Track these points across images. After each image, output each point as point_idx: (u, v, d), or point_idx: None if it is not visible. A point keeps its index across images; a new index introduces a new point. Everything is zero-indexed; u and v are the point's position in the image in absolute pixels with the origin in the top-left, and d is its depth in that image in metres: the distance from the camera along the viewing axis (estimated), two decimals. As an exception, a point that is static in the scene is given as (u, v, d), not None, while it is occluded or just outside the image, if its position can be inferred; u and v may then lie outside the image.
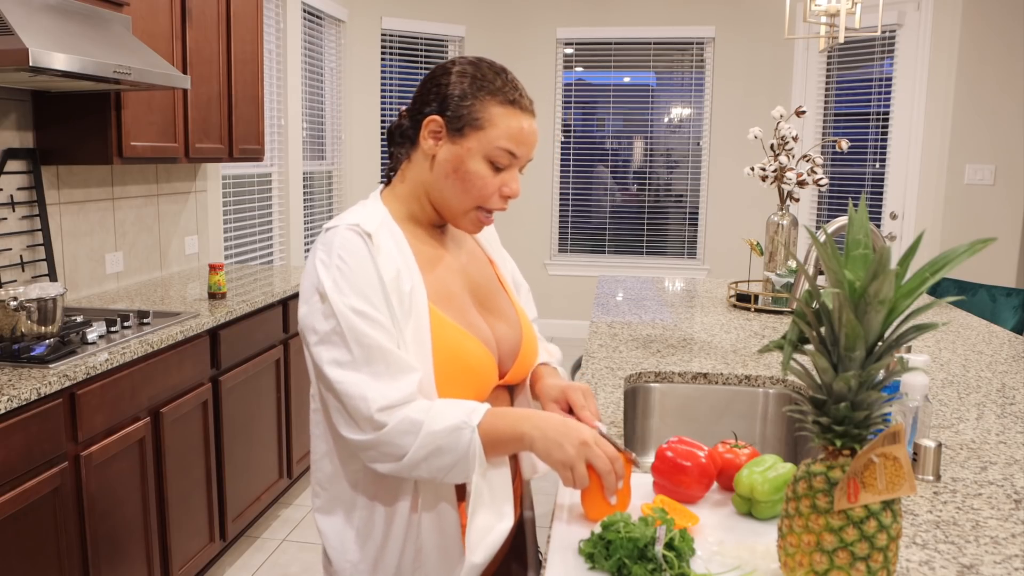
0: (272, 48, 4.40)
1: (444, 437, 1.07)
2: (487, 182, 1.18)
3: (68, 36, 2.14)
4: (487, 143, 1.17)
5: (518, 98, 1.19)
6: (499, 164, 1.18)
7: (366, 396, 1.07)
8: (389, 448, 1.08)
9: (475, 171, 1.17)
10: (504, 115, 1.17)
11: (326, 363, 1.09)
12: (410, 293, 1.14)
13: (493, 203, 1.21)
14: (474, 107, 1.17)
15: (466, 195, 1.19)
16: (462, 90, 1.18)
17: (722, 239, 6.10)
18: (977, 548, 1.08)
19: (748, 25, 5.86)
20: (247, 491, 2.95)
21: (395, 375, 1.09)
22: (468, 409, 1.10)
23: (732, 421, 1.90)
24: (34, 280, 2.62)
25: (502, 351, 1.27)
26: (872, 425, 0.90)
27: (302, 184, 4.80)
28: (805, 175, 2.75)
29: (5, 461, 1.78)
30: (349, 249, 1.12)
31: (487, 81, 1.18)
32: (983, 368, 2.02)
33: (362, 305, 1.09)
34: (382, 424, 1.07)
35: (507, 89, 1.18)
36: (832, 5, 3.19)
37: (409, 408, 1.08)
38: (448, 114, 1.18)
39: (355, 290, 1.10)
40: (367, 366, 1.08)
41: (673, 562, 0.99)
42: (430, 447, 1.07)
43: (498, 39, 6.11)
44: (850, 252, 0.89)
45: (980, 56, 4.46)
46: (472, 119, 1.17)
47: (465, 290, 1.26)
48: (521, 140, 1.18)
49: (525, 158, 1.20)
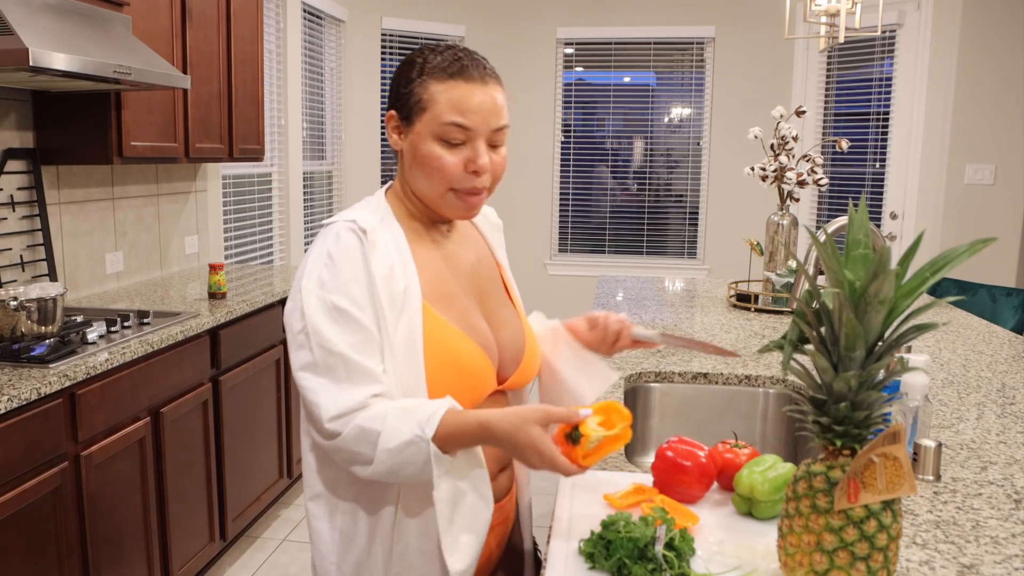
0: (272, 48, 4.40)
1: (401, 452, 1.04)
2: (444, 162, 1.13)
3: (68, 36, 2.14)
4: (432, 122, 1.13)
5: (460, 69, 1.13)
6: (452, 140, 1.13)
7: (319, 403, 1.06)
8: (352, 455, 1.06)
9: (429, 153, 1.14)
10: (444, 90, 1.13)
11: (295, 365, 1.09)
12: (404, 292, 1.12)
13: (461, 182, 1.15)
14: (415, 91, 1.14)
15: (430, 180, 1.15)
16: (405, 78, 1.16)
17: (722, 239, 6.09)
18: (977, 548, 1.08)
19: (748, 25, 5.86)
20: (247, 491, 2.95)
21: (354, 382, 1.06)
22: (423, 418, 1.05)
23: (732, 421, 1.90)
24: (34, 280, 2.62)
25: (505, 357, 1.25)
26: (872, 425, 0.90)
27: (302, 184, 4.80)
28: (805, 175, 2.75)
29: (5, 461, 1.78)
30: (341, 246, 1.10)
31: (426, 62, 1.15)
32: (983, 368, 2.02)
33: (343, 302, 1.07)
34: (335, 433, 1.05)
35: (446, 64, 1.14)
36: (832, 5, 3.20)
37: (364, 415, 1.05)
38: (398, 106, 1.17)
39: (339, 286, 1.08)
40: (327, 371, 1.06)
41: (673, 562, 0.99)
42: (388, 464, 1.05)
43: (498, 39, 6.11)
44: (850, 252, 0.89)
45: (980, 56, 4.46)
46: (416, 103, 1.14)
47: (470, 292, 1.24)
48: (466, 109, 1.12)
49: (483, 128, 1.14)
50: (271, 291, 3.11)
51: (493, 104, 1.15)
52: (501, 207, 7.19)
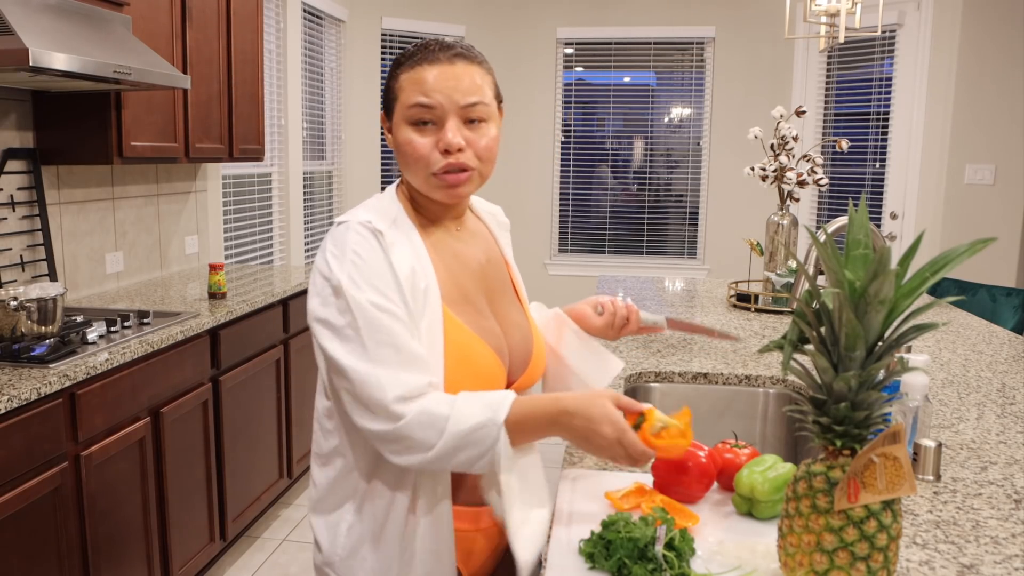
0: (272, 48, 4.40)
1: (469, 435, 1.04)
2: (416, 145, 1.13)
3: (68, 36, 2.14)
4: (402, 108, 1.14)
5: (426, 54, 1.14)
6: (420, 120, 1.13)
7: (383, 384, 1.04)
8: (411, 442, 1.05)
9: (403, 140, 1.14)
10: (409, 77, 1.14)
11: (342, 355, 1.06)
12: (424, 291, 1.12)
13: (434, 163, 1.13)
14: (391, 87, 1.17)
15: (411, 168, 1.15)
16: (388, 77, 1.19)
17: (722, 239, 6.09)
18: (977, 548, 1.08)
19: (748, 25, 5.86)
20: (247, 491, 2.95)
21: (410, 368, 1.06)
22: (494, 403, 1.06)
23: (732, 421, 1.90)
24: (34, 280, 2.62)
25: (514, 359, 1.24)
26: (872, 425, 0.90)
27: (302, 184, 4.80)
28: (805, 175, 2.75)
29: (5, 461, 1.78)
30: (362, 244, 1.09)
31: (403, 56, 1.16)
32: (983, 368, 2.02)
33: (378, 299, 1.07)
34: (400, 415, 1.04)
35: (417, 54, 1.14)
36: (832, 5, 3.20)
37: (428, 400, 1.05)
38: (383, 104, 1.20)
39: (370, 284, 1.07)
40: (381, 361, 1.05)
41: (673, 562, 0.99)
42: (455, 444, 1.05)
43: (498, 39, 6.11)
44: (850, 252, 0.89)
45: (980, 56, 4.46)
46: (392, 97, 1.16)
47: (481, 293, 1.23)
48: (427, 88, 1.12)
49: (449, 104, 1.12)
50: (271, 291, 3.11)
51: (457, 80, 1.13)
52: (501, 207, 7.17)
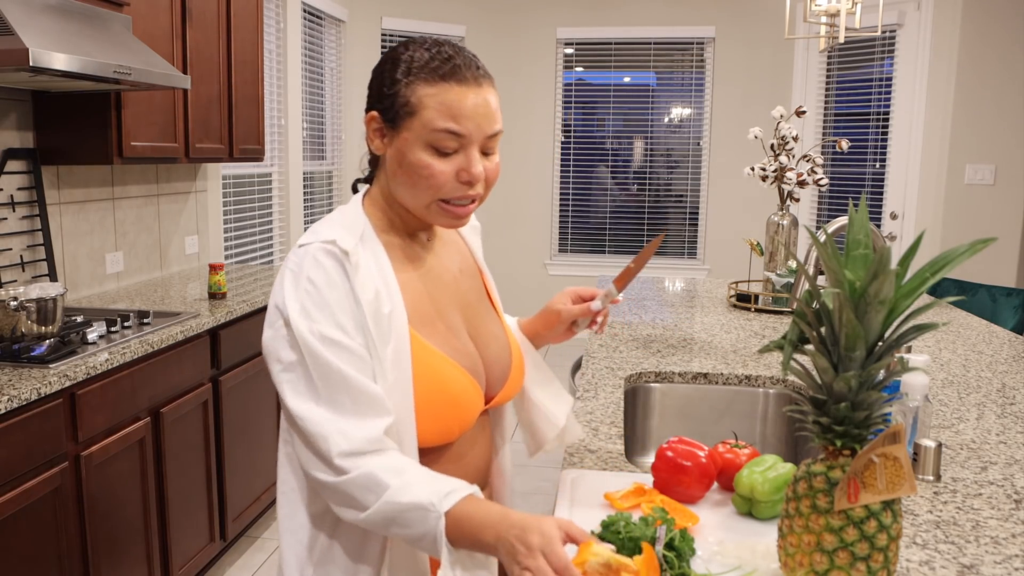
0: (272, 48, 4.40)
1: (406, 512, 0.95)
2: (435, 171, 1.04)
3: (68, 36, 2.14)
4: (422, 128, 1.03)
5: (451, 70, 1.03)
6: (444, 148, 1.04)
7: (327, 437, 0.97)
8: (349, 500, 0.98)
9: (418, 162, 1.04)
10: (435, 94, 1.03)
11: (289, 395, 1.01)
12: (389, 316, 1.04)
13: (451, 192, 1.05)
14: (400, 93, 1.04)
15: (416, 189, 1.06)
16: (389, 77, 1.06)
17: (722, 239, 6.09)
18: (977, 548, 1.08)
19: (748, 25, 5.86)
20: (247, 491, 2.95)
21: (362, 413, 0.99)
22: (443, 491, 0.96)
23: (732, 421, 1.90)
24: (34, 280, 2.62)
25: (491, 375, 1.17)
26: (872, 425, 0.90)
27: (302, 184, 4.80)
28: (805, 175, 2.75)
29: (5, 461, 1.78)
30: (319, 271, 1.02)
31: (413, 60, 1.04)
32: (983, 368, 2.02)
33: (333, 332, 1.00)
34: (343, 470, 0.96)
35: (435, 63, 1.03)
36: (832, 5, 3.20)
37: (377, 462, 0.97)
38: (380, 107, 1.07)
39: (325, 315, 1.00)
40: (331, 402, 0.98)
41: (673, 562, 0.99)
42: (389, 515, 0.96)
43: (498, 39, 6.11)
44: (850, 252, 0.89)
45: (980, 56, 4.46)
46: (403, 107, 1.04)
47: (455, 309, 1.16)
48: (461, 115, 1.02)
49: (478, 134, 1.04)
50: (271, 291, 3.11)
51: (487, 108, 1.05)
52: (501, 207, 7.17)
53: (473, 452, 1.17)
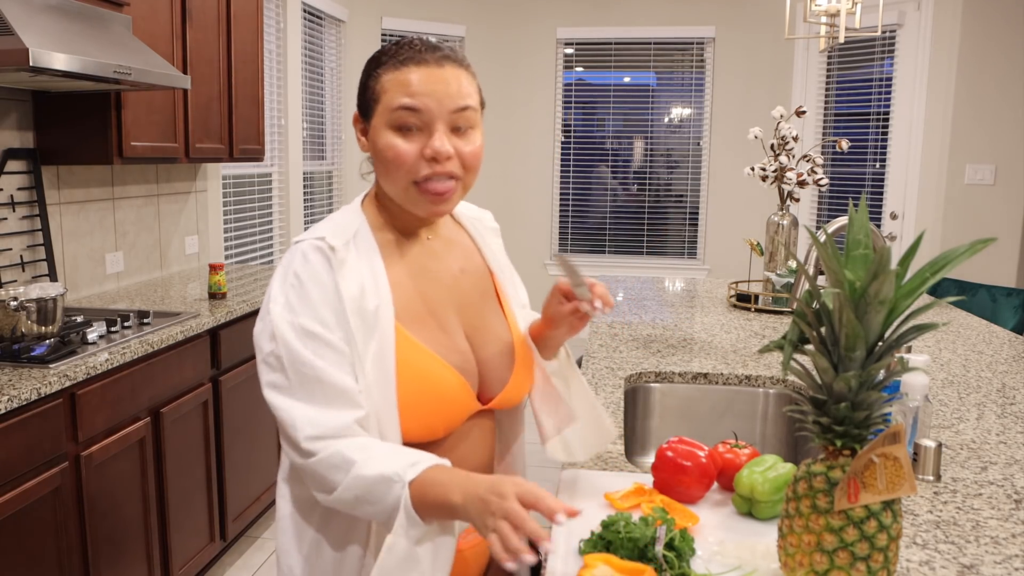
0: (272, 48, 4.40)
1: (372, 485, 0.98)
2: (399, 150, 1.07)
3: (68, 36, 2.14)
4: (384, 111, 1.08)
5: (411, 54, 1.08)
6: (405, 125, 1.07)
7: (295, 423, 1.02)
8: (319, 480, 1.02)
9: (384, 145, 1.08)
10: (394, 78, 1.07)
11: (265, 385, 1.05)
12: (375, 311, 1.07)
13: (419, 170, 1.07)
14: (370, 86, 1.10)
15: (391, 175, 1.09)
16: (364, 75, 1.12)
17: (722, 239, 6.10)
18: (977, 548, 1.08)
19: (748, 25, 5.86)
20: (247, 491, 2.95)
21: (330, 403, 1.02)
22: (407, 462, 0.99)
23: (732, 421, 1.90)
24: (34, 280, 2.62)
25: (489, 376, 1.18)
26: (872, 425, 0.90)
27: (302, 184, 4.80)
28: (805, 175, 2.75)
29: (5, 461, 1.78)
30: (305, 267, 1.06)
31: (383, 55, 1.11)
32: (983, 368, 2.02)
33: (311, 325, 1.04)
34: (310, 452, 1.01)
35: (400, 54, 1.08)
36: (832, 5, 3.20)
37: (344, 443, 1.01)
38: (359, 105, 1.13)
39: (307, 309, 1.04)
40: (301, 392, 1.03)
41: (673, 562, 0.99)
42: (356, 491, 0.99)
43: (498, 39, 6.11)
44: (850, 252, 0.89)
45: (980, 56, 4.46)
46: (371, 98, 1.10)
47: (450, 307, 1.17)
48: (417, 92, 1.06)
49: (438, 109, 1.06)
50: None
51: (447, 84, 1.07)
52: (501, 207, 7.19)
53: (468, 453, 1.16)
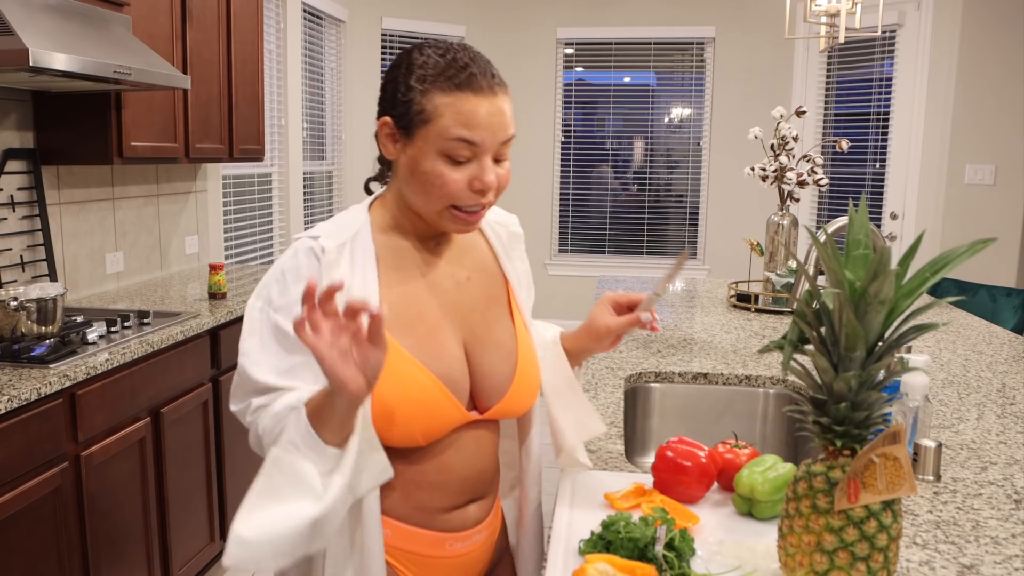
0: (272, 48, 4.40)
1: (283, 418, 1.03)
2: (447, 179, 1.04)
3: (68, 36, 2.14)
4: (437, 137, 1.03)
5: (467, 78, 1.03)
6: (458, 157, 1.04)
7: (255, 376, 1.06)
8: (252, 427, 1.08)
9: (431, 170, 1.05)
10: (451, 103, 1.03)
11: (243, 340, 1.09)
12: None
13: (463, 200, 1.06)
14: (415, 100, 1.04)
15: (428, 196, 1.07)
16: (404, 84, 1.05)
17: (722, 239, 6.10)
18: (977, 548, 1.08)
19: (748, 25, 5.86)
20: (247, 491, 2.95)
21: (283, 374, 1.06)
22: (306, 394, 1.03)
23: (732, 421, 1.90)
24: (34, 280, 2.62)
25: (487, 385, 1.15)
26: (872, 425, 0.90)
27: (302, 184, 4.80)
28: (805, 175, 2.75)
29: (5, 461, 1.78)
30: (294, 264, 1.08)
31: (428, 67, 1.04)
32: (983, 368, 2.02)
33: (285, 323, 1.05)
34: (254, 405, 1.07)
35: (451, 71, 1.03)
36: (832, 5, 3.20)
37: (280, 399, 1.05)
38: (394, 113, 1.07)
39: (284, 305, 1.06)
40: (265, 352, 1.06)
41: (673, 562, 0.99)
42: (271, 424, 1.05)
43: (498, 39, 6.11)
44: (850, 252, 0.89)
45: (980, 56, 4.46)
46: (416, 114, 1.04)
47: (447, 314, 1.14)
48: (476, 124, 1.03)
49: (492, 143, 1.05)
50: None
51: (502, 117, 1.06)
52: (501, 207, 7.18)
53: (456, 461, 1.14)
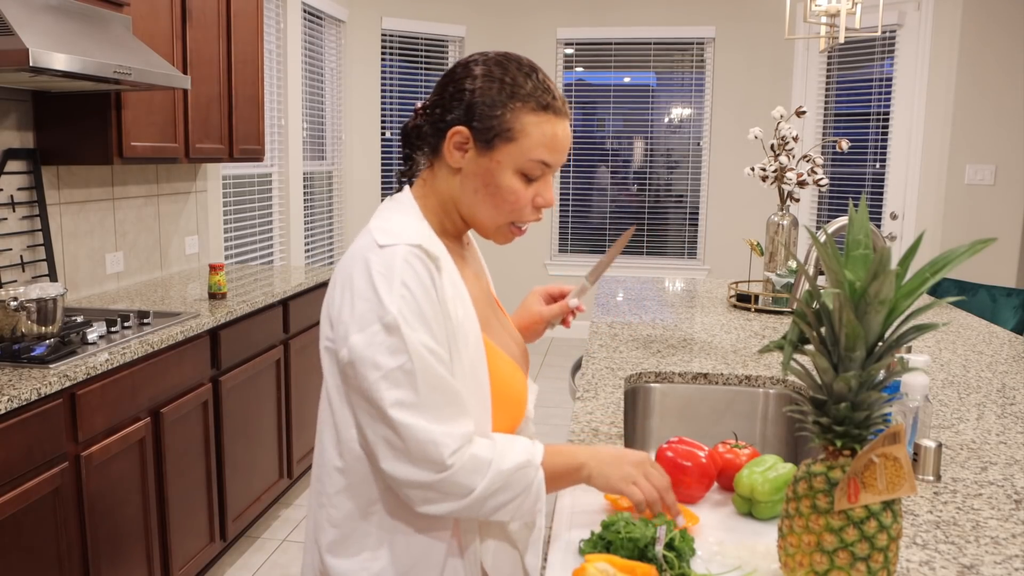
0: (272, 48, 4.40)
1: (511, 475, 1.03)
2: (519, 196, 1.09)
3: (68, 36, 2.14)
4: (520, 155, 1.07)
5: (551, 101, 1.08)
6: (532, 175, 1.09)
7: (436, 441, 0.99)
8: (453, 488, 1.01)
9: (507, 186, 1.08)
10: (537, 123, 1.07)
11: (389, 404, 0.99)
12: (463, 321, 1.07)
13: (527, 216, 1.12)
14: (504, 117, 1.06)
15: (498, 210, 1.10)
16: (491, 98, 1.07)
17: (722, 239, 6.10)
18: (977, 548, 1.08)
19: (748, 25, 5.86)
20: (247, 491, 2.95)
21: (457, 414, 1.02)
22: (529, 448, 1.07)
23: (732, 421, 1.90)
24: (34, 280, 2.62)
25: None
26: (872, 425, 0.90)
27: (302, 184, 4.80)
28: (805, 175, 2.75)
29: (5, 461, 1.78)
30: (412, 276, 1.01)
31: (518, 86, 1.07)
32: (983, 368, 2.02)
33: (429, 340, 1.01)
34: (451, 466, 1.00)
35: (539, 93, 1.08)
36: (832, 5, 3.20)
37: (474, 447, 1.02)
38: (475, 125, 1.07)
39: (422, 323, 1.01)
40: (432, 409, 1.00)
41: (673, 562, 0.99)
42: (498, 485, 1.02)
43: (498, 39, 6.11)
44: (850, 252, 0.89)
45: (980, 56, 4.46)
46: (503, 130, 1.07)
47: (490, 311, 1.21)
48: (555, 148, 1.09)
49: (558, 165, 1.11)
50: (271, 291, 3.11)
51: (569, 141, 1.12)
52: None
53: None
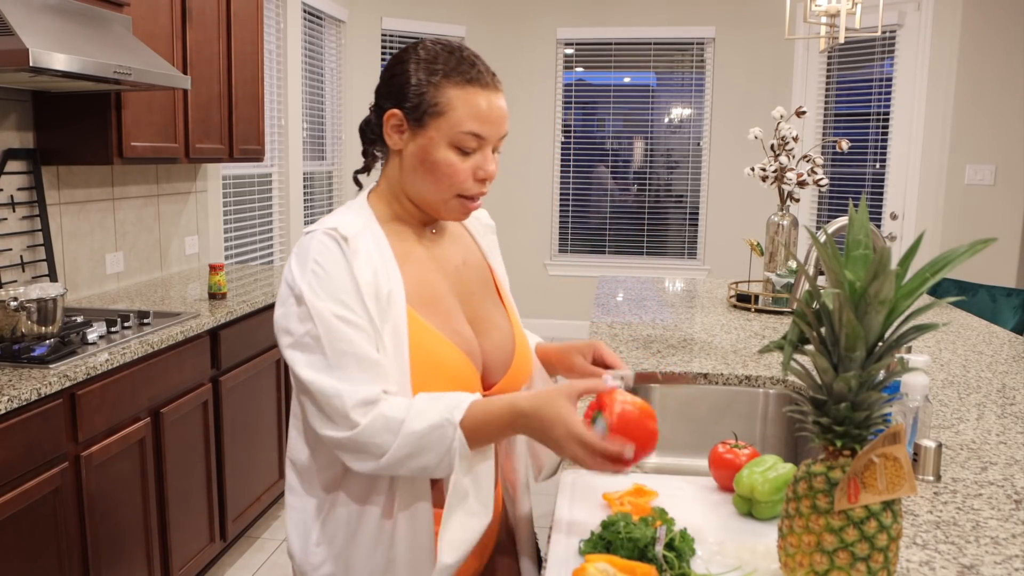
0: (272, 48, 4.40)
1: (425, 436, 1.04)
2: (457, 169, 1.13)
3: (68, 36, 2.14)
4: (449, 129, 1.12)
5: (477, 75, 1.13)
6: (466, 148, 1.13)
7: (341, 394, 1.05)
8: (367, 447, 1.05)
9: (442, 159, 1.13)
10: (463, 96, 1.12)
11: (301, 366, 1.08)
12: (388, 296, 1.11)
13: (469, 189, 1.15)
14: (429, 93, 1.12)
15: (438, 185, 1.15)
16: (417, 78, 1.13)
17: (722, 239, 6.09)
18: (977, 548, 1.08)
19: (748, 25, 5.86)
20: (247, 491, 2.95)
21: (366, 374, 1.07)
22: (451, 404, 1.06)
23: (732, 421, 1.90)
24: (34, 280, 2.62)
25: (491, 362, 1.23)
26: (872, 425, 0.90)
27: (302, 184, 4.80)
28: (805, 175, 2.75)
29: (5, 461, 1.78)
30: (324, 253, 1.10)
31: (440, 63, 1.13)
32: (983, 368, 2.02)
33: (338, 308, 1.08)
34: (357, 422, 1.04)
35: (463, 67, 1.12)
36: (832, 5, 3.20)
37: (385, 405, 1.06)
38: (406, 105, 1.14)
39: (330, 294, 1.08)
40: (340, 369, 1.06)
41: (673, 562, 0.99)
42: (410, 447, 1.04)
43: (498, 39, 6.11)
44: (850, 252, 0.89)
45: (980, 56, 4.46)
46: (430, 106, 1.12)
47: (454, 296, 1.22)
48: (485, 119, 1.13)
49: (495, 136, 1.15)
50: (271, 291, 3.11)
51: (503, 113, 1.15)
52: (501, 207, 7.17)
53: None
